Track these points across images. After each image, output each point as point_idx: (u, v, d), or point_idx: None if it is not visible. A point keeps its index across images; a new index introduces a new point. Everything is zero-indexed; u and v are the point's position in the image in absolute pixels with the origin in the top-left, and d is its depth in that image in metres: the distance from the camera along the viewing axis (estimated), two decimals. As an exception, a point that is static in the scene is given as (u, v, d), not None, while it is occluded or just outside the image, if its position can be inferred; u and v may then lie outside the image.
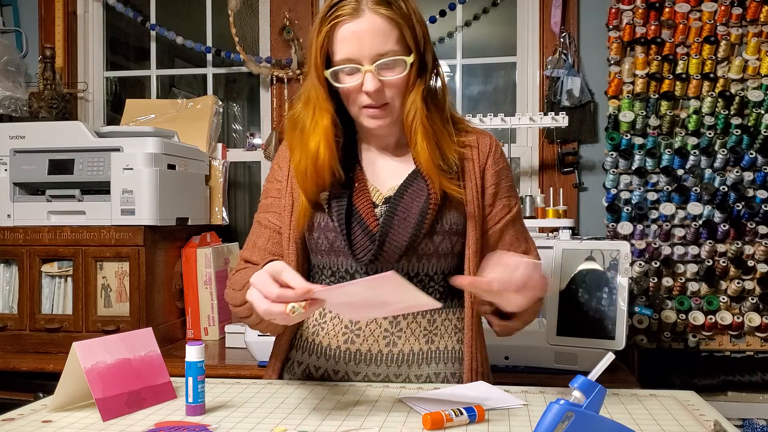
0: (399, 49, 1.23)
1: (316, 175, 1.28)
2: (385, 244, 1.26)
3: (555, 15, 2.49)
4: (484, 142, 1.37)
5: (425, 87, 1.29)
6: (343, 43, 1.22)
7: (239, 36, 2.67)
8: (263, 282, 1.06)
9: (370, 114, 1.27)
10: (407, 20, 1.24)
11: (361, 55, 1.22)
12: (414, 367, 1.31)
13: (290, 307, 1.02)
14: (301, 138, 1.30)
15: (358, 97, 1.26)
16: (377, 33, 1.21)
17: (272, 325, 1.28)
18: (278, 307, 1.03)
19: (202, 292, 2.32)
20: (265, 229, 1.37)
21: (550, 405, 0.80)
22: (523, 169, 2.61)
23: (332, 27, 1.23)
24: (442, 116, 1.33)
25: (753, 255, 2.32)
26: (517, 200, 1.41)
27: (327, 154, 1.27)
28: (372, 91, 1.23)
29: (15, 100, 2.64)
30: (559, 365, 1.85)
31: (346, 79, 1.25)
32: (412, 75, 1.27)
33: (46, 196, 2.19)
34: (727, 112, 2.34)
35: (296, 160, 1.30)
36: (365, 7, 1.22)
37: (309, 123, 1.29)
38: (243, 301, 1.23)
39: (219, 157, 2.61)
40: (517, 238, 1.38)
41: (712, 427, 1.02)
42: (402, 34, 1.24)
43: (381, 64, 1.22)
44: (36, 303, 2.18)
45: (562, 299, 1.83)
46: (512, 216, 1.37)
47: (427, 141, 1.28)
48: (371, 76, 1.22)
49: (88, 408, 1.14)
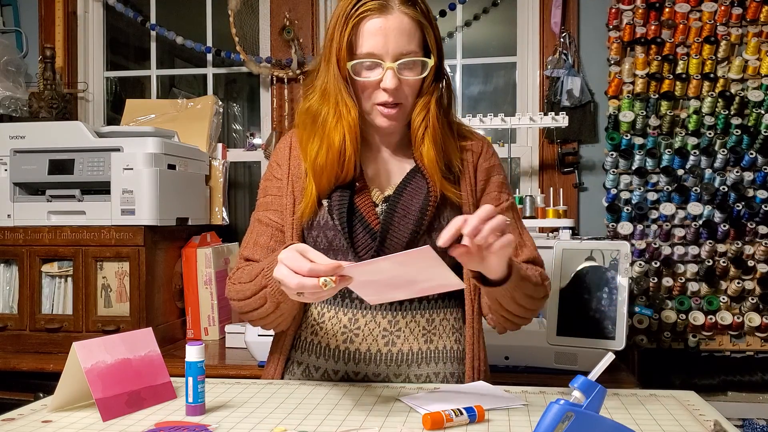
0: (420, 51, 1.25)
1: (338, 168, 1.27)
2: (386, 240, 1.27)
3: (555, 15, 2.49)
4: (478, 144, 1.39)
5: (439, 92, 1.31)
6: (368, 37, 1.23)
7: (239, 36, 2.67)
8: (293, 258, 1.06)
9: (384, 113, 1.27)
10: (430, 24, 1.27)
11: (384, 51, 1.22)
12: (413, 367, 1.32)
13: (323, 281, 1.02)
14: (322, 131, 1.28)
15: (374, 93, 1.26)
16: (403, 32, 1.22)
17: (282, 317, 1.28)
18: (312, 281, 1.03)
19: (202, 292, 2.32)
20: (266, 227, 1.36)
21: (550, 405, 0.80)
22: (523, 169, 2.61)
23: (359, 20, 1.23)
24: (449, 122, 1.35)
25: (753, 255, 2.32)
26: (509, 196, 1.40)
27: (353, 148, 1.26)
28: (391, 88, 1.23)
29: (15, 100, 2.64)
30: (559, 365, 1.85)
31: (365, 74, 1.25)
32: (429, 78, 1.28)
33: (46, 196, 2.19)
34: (727, 112, 2.33)
35: (313, 153, 1.29)
36: (394, 5, 1.23)
37: (331, 116, 1.27)
38: (255, 292, 1.23)
39: (219, 157, 2.61)
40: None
41: (712, 427, 1.02)
42: (424, 36, 1.26)
43: (402, 64, 1.23)
44: (36, 303, 2.18)
45: (562, 299, 1.83)
46: (501, 209, 1.34)
47: (434, 143, 1.29)
48: (392, 73, 1.22)
49: (88, 408, 1.14)
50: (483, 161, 1.38)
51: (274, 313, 1.25)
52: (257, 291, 1.23)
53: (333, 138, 1.26)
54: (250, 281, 1.25)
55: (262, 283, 1.21)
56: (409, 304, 1.32)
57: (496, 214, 1.06)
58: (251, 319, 1.32)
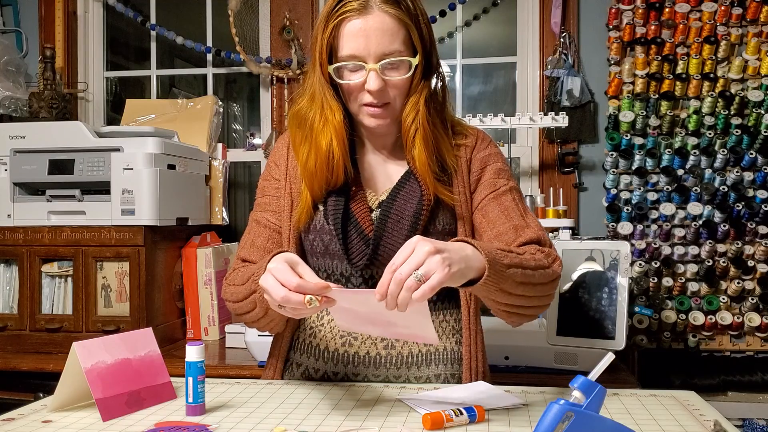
0: (405, 50, 1.22)
1: (327, 172, 1.25)
2: (379, 248, 1.26)
3: (555, 15, 2.49)
4: (471, 138, 1.36)
5: (429, 90, 1.28)
6: (349, 39, 1.21)
7: (239, 36, 2.67)
8: (282, 270, 1.04)
9: (370, 113, 1.25)
10: (415, 21, 1.23)
11: (366, 53, 1.20)
12: (413, 369, 1.31)
13: (308, 299, 1.01)
14: (310, 135, 1.27)
15: (359, 95, 1.24)
16: (384, 32, 1.20)
17: (273, 323, 1.27)
18: (297, 297, 1.01)
19: (202, 292, 2.32)
20: (264, 229, 1.35)
21: (550, 405, 0.80)
22: (523, 169, 2.61)
23: (339, 22, 1.21)
24: (443, 120, 1.32)
25: (753, 255, 2.32)
26: (509, 180, 1.34)
27: (340, 151, 1.25)
28: (375, 90, 1.21)
29: (15, 100, 2.64)
30: (559, 365, 1.85)
31: (349, 76, 1.23)
32: (417, 77, 1.25)
33: (46, 196, 2.19)
34: (727, 112, 2.33)
35: (303, 158, 1.28)
36: (374, 5, 1.20)
37: (318, 120, 1.26)
38: (245, 296, 1.21)
39: (219, 157, 2.61)
40: (504, 212, 1.29)
41: (712, 427, 1.02)
42: (409, 34, 1.23)
43: (385, 64, 1.21)
44: (36, 303, 2.18)
45: (562, 299, 1.83)
46: (497, 193, 1.31)
47: (425, 145, 1.26)
48: (375, 75, 1.20)
49: (88, 408, 1.14)
50: (477, 152, 1.35)
51: (264, 318, 1.24)
52: (248, 295, 1.21)
53: (320, 142, 1.25)
54: (242, 284, 1.24)
55: (252, 288, 1.19)
56: None
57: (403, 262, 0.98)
58: (245, 321, 1.30)
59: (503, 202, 1.30)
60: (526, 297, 1.19)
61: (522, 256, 1.17)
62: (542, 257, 1.21)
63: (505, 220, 1.28)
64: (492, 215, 1.29)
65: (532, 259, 1.18)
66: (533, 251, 1.22)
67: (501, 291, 1.13)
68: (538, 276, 1.18)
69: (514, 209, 1.30)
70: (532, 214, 1.33)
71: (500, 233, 1.27)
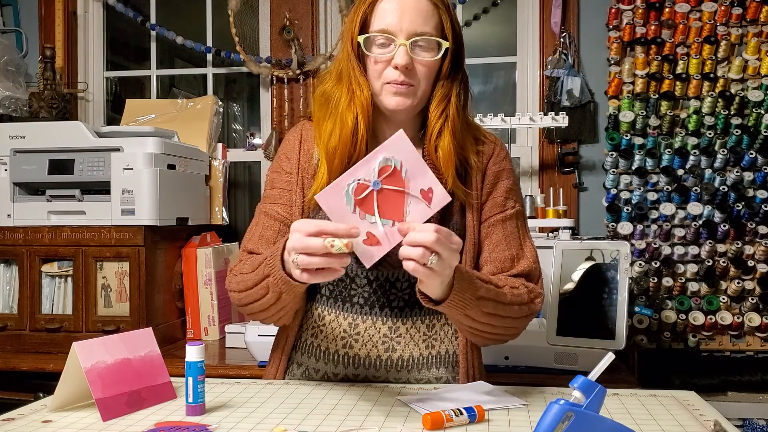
0: (436, 34, 1.24)
1: (351, 147, 1.24)
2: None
3: (555, 15, 2.49)
4: (489, 146, 1.36)
5: (458, 85, 1.29)
6: (383, 13, 1.22)
7: (239, 36, 2.67)
8: (304, 221, 1.05)
9: (393, 90, 1.23)
10: (448, 11, 1.26)
11: (398, 28, 1.21)
12: (414, 372, 1.31)
13: (329, 241, 1.00)
14: (335, 113, 1.26)
15: (385, 71, 1.24)
16: (419, 12, 1.22)
17: (284, 311, 1.24)
18: (316, 241, 1.01)
19: (202, 292, 2.32)
20: (273, 221, 1.32)
21: (550, 405, 0.80)
22: (523, 169, 2.61)
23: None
24: (466, 120, 1.33)
25: (753, 255, 2.32)
26: (516, 203, 1.35)
27: (365, 127, 1.24)
28: (402, 65, 1.21)
29: (15, 100, 2.64)
30: (559, 365, 1.85)
31: (377, 50, 1.24)
32: (446, 65, 1.26)
33: (46, 196, 2.19)
34: (727, 112, 2.33)
35: (326, 133, 1.26)
36: None
37: (345, 97, 1.26)
38: (256, 282, 1.20)
39: (219, 157, 2.61)
40: (507, 239, 1.31)
41: (712, 427, 1.02)
42: (441, 22, 1.24)
43: (416, 42, 1.22)
44: (36, 303, 2.18)
45: (562, 299, 1.83)
46: (504, 216, 1.32)
47: (454, 137, 1.26)
48: (404, 50, 1.20)
49: (88, 408, 1.14)
50: (492, 164, 1.34)
51: (276, 305, 1.21)
52: (259, 281, 1.19)
53: (346, 118, 1.24)
54: (251, 271, 1.22)
55: (264, 272, 1.17)
56: (410, 311, 1.30)
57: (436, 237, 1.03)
58: (251, 312, 1.28)
59: (507, 227, 1.32)
60: (491, 326, 1.22)
61: (500, 289, 1.20)
62: (524, 293, 1.25)
63: (505, 248, 1.30)
64: (495, 238, 1.31)
65: (510, 293, 1.22)
66: (516, 285, 1.25)
67: (466, 316, 1.17)
68: (511, 310, 1.22)
69: (515, 237, 1.32)
70: (530, 241, 1.35)
71: (497, 259, 1.30)
